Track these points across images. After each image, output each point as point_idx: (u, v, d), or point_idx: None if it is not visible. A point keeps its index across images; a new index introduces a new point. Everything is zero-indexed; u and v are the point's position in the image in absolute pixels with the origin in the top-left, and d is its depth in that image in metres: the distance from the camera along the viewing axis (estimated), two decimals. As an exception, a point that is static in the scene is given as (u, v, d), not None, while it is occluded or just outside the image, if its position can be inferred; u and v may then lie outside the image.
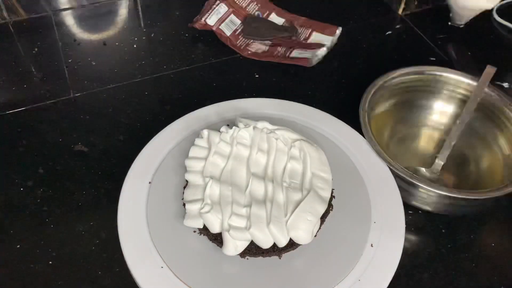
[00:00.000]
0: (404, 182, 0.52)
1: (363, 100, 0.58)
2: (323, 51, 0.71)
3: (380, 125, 0.60)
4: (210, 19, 0.74)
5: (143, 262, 0.45)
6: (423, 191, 0.51)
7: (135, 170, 0.52)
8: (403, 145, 0.62)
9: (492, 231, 0.53)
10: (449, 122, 0.63)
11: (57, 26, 0.75)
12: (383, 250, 0.47)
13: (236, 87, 0.67)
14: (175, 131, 0.56)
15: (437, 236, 0.53)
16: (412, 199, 0.53)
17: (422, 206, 0.53)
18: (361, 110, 0.57)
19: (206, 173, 0.47)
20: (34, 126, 0.61)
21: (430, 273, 0.49)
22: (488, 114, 0.61)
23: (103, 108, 0.63)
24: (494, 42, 0.78)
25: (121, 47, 0.73)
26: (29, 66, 0.68)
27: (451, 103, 0.63)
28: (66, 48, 0.72)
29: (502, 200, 0.55)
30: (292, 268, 0.45)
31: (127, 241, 0.46)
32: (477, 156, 0.60)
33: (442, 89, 0.63)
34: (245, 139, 0.50)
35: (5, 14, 0.73)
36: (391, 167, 0.52)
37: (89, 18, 0.77)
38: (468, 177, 0.58)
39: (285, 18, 0.78)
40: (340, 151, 0.55)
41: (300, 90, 0.68)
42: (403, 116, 0.64)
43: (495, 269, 0.50)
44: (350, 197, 0.51)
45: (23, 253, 0.49)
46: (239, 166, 0.48)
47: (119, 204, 0.49)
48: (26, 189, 0.54)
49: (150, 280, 0.44)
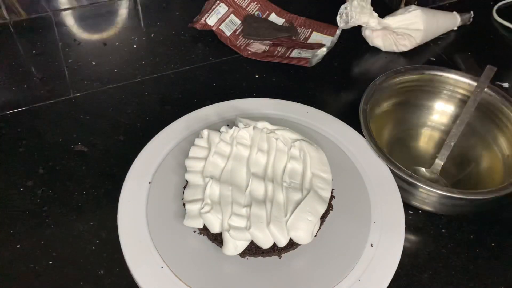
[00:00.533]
0: (404, 182, 0.52)
1: (363, 100, 0.58)
2: (323, 51, 0.71)
3: (380, 125, 0.60)
4: (210, 19, 0.74)
5: (143, 262, 0.45)
6: (423, 191, 0.51)
7: (135, 170, 0.52)
8: (403, 145, 0.62)
9: (492, 231, 0.53)
10: (449, 122, 0.63)
11: (57, 26, 0.75)
12: (383, 250, 0.47)
13: (236, 87, 0.67)
14: (175, 131, 0.56)
15: (437, 236, 0.53)
16: (412, 199, 0.53)
17: (422, 206, 0.53)
18: (361, 110, 0.57)
19: (206, 173, 0.47)
20: (34, 126, 0.61)
21: (430, 273, 0.49)
22: (488, 114, 0.61)
23: (103, 108, 0.63)
24: (494, 42, 0.78)
25: (121, 47, 0.73)
26: (29, 66, 0.68)
27: (451, 103, 0.63)
28: (66, 48, 0.72)
29: (502, 200, 0.55)
30: (292, 268, 0.45)
31: (127, 241, 0.46)
32: (477, 156, 0.60)
33: (442, 89, 0.63)
34: (245, 139, 0.50)
35: (5, 14, 0.73)
36: (391, 167, 0.52)
37: (89, 18, 0.77)
38: (468, 177, 0.58)
39: (285, 18, 0.78)
40: (340, 151, 0.55)
41: (300, 90, 0.68)
42: (403, 116, 0.64)
43: (495, 269, 0.50)
44: (350, 197, 0.51)
45: (23, 253, 0.49)
46: (239, 166, 0.48)
47: (119, 204, 0.49)
48: (26, 189, 0.54)
49: (150, 280, 0.44)
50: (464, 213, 0.55)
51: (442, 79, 0.63)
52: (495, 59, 0.67)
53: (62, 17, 0.77)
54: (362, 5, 0.66)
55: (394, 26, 0.70)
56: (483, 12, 0.82)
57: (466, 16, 0.78)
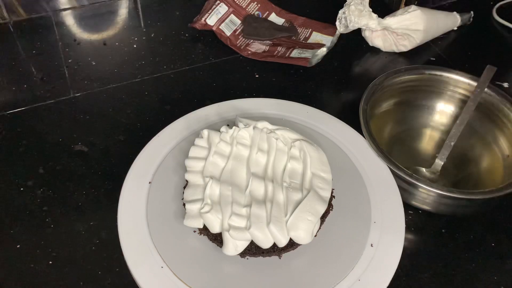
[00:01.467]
0: (404, 182, 0.52)
1: (363, 99, 0.58)
2: (323, 51, 0.71)
3: (380, 125, 0.60)
4: (210, 19, 0.74)
5: (143, 262, 0.45)
6: (423, 191, 0.51)
7: (135, 170, 0.52)
8: (403, 145, 0.62)
9: (492, 231, 0.53)
10: (449, 122, 0.63)
11: (57, 26, 0.75)
12: (383, 250, 0.47)
13: (236, 87, 0.67)
14: (175, 131, 0.56)
15: (437, 236, 0.53)
16: (412, 199, 0.53)
17: (422, 206, 0.53)
18: (361, 110, 0.57)
19: (206, 173, 0.47)
20: (34, 126, 0.61)
21: (430, 273, 0.49)
22: (488, 114, 0.61)
23: (103, 108, 0.63)
24: (494, 42, 0.78)
25: (121, 47, 0.73)
26: (29, 66, 0.68)
27: (451, 103, 0.64)
28: (66, 48, 0.72)
29: (502, 200, 0.55)
30: (292, 268, 0.45)
31: (127, 241, 0.46)
32: (477, 156, 0.60)
33: (442, 89, 0.63)
34: (245, 139, 0.50)
35: (5, 14, 0.73)
36: (391, 167, 0.52)
37: (89, 18, 0.77)
38: (468, 177, 0.58)
39: (285, 18, 0.78)
40: (340, 151, 0.55)
41: (300, 90, 0.68)
42: (403, 116, 0.64)
43: (495, 269, 0.50)
44: (350, 197, 0.51)
45: (23, 253, 0.49)
46: (239, 166, 0.48)
47: (119, 204, 0.49)
48: (26, 189, 0.54)
49: (150, 280, 0.44)
50: (464, 213, 0.55)
51: (442, 79, 0.63)
52: (495, 59, 0.67)
53: (62, 17, 0.77)
54: (360, 9, 0.67)
55: (394, 26, 0.70)
56: (483, 12, 0.82)
57: (466, 16, 0.79)
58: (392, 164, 0.52)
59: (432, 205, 0.53)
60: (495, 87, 0.61)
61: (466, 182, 0.57)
